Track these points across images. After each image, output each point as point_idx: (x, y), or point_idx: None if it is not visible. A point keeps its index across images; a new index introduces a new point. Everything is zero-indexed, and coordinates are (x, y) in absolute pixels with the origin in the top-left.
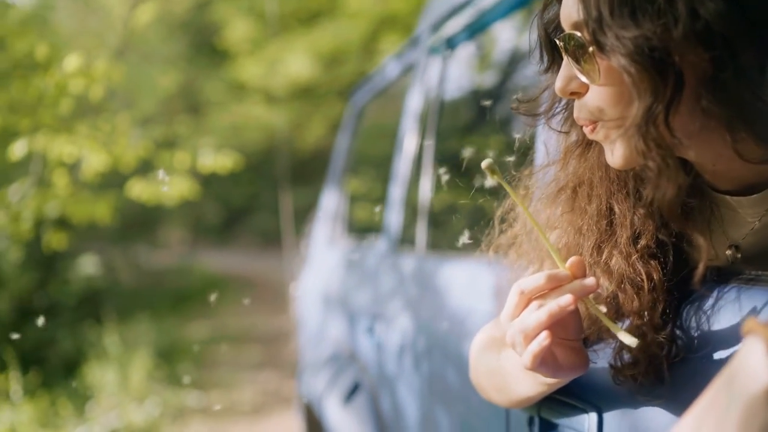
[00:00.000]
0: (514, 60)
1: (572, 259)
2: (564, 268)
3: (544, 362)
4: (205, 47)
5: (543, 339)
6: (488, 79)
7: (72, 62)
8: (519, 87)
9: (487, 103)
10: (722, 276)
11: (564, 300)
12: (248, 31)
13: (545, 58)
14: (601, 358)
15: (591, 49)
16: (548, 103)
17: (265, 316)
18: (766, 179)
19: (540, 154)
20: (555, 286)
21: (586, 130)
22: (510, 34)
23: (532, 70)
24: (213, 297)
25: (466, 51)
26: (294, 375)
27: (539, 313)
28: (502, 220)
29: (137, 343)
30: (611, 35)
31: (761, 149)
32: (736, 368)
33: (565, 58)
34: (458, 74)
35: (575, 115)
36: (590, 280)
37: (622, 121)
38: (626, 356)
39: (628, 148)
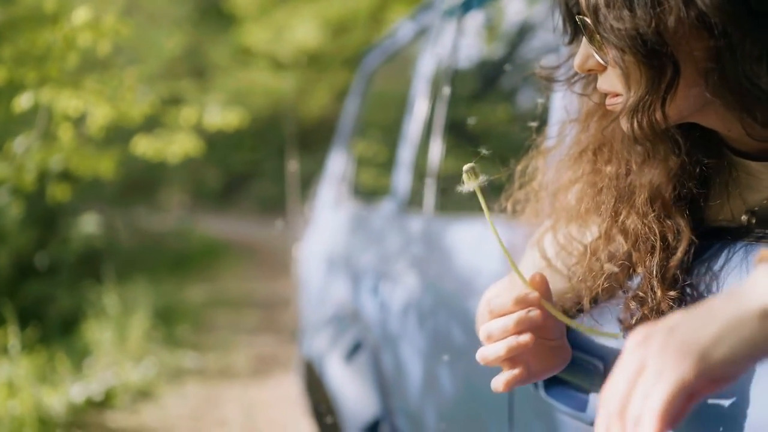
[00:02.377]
0: (529, 25)
1: (535, 277)
2: (530, 289)
3: (515, 384)
4: (212, 11)
5: (513, 373)
6: (502, 44)
7: (80, 16)
8: (533, 51)
9: (507, 66)
10: (734, 236)
11: (523, 338)
12: None
13: (568, 31)
14: (610, 313)
15: (598, 36)
16: (572, 68)
17: (264, 282)
18: None
19: (555, 120)
20: (522, 308)
21: (607, 100)
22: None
23: (546, 35)
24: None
25: (481, 15)
26: (292, 340)
27: (498, 346)
28: (522, 174)
29: (136, 304)
30: (607, 26)
31: (766, 130)
32: (742, 287)
33: (584, 37)
34: (472, 38)
35: (598, 85)
36: (536, 314)
37: (624, 105)
38: (637, 312)
39: (625, 128)
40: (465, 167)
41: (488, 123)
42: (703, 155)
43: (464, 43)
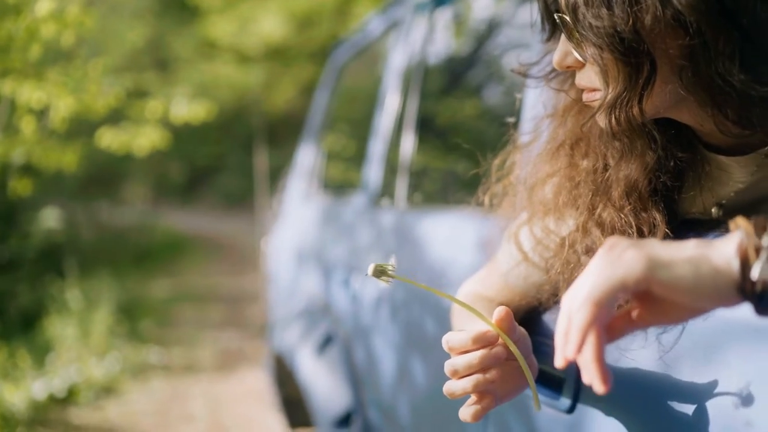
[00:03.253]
0: (501, 21)
1: (500, 314)
2: (493, 326)
3: (484, 414)
4: (175, 3)
5: (482, 404)
6: (473, 39)
7: (44, 6)
8: (503, 47)
9: (478, 61)
10: (706, 228)
11: (490, 375)
12: None
13: (546, 28)
14: None
15: (577, 34)
16: (550, 65)
17: (229, 277)
18: (753, 142)
19: (529, 115)
20: (481, 347)
21: (585, 95)
22: None
23: (515, 31)
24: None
25: (452, 10)
26: (258, 335)
27: (464, 383)
28: (499, 169)
29: (99, 299)
30: (585, 23)
31: (735, 127)
32: (716, 241)
33: (562, 33)
34: (444, 33)
35: (576, 81)
36: (499, 351)
37: (602, 101)
38: None
39: (603, 124)
40: (369, 271)
41: (459, 117)
42: (678, 150)
43: (436, 38)
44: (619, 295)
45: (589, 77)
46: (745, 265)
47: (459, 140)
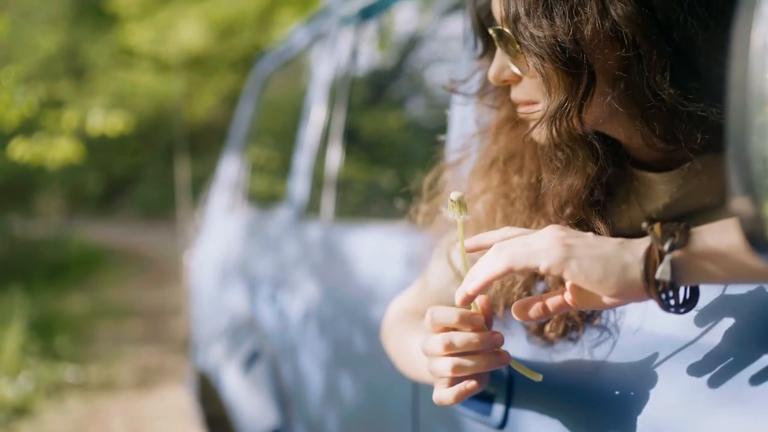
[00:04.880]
0: (426, 34)
1: (482, 301)
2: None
3: (466, 397)
4: (91, 9)
5: (468, 385)
6: (400, 52)
7: None
8: (430, 60)
9: (404, 74)
10: None
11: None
12: None
13: (479, 44)
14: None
15: (517, 45)
16: (482, 82)
17: (149, 290)
18: (678, 158)
19: (457, 132)
20: (468, 327)
21: (521, 109)
22: (426, 9)
23: (445, 43)
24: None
25: (378, 23)
26: (181, 350)
27: (463, 362)
28: (431, 187)
29: (10, 316)
30: (527, 34)
31: (661, 142)
32: (627, 242)
33: (498, 48)
34: (370, 46)
35: (512, 95)
36: (500, 336)
37: (544, 112)
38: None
39: (544, 136)
40: (453, 196)
41: (386, 129)
42: (610, 164)
43: (362, 50)
44: (533, 271)
45: (526, 90)
46: (650, 267)
47: (386, 153)
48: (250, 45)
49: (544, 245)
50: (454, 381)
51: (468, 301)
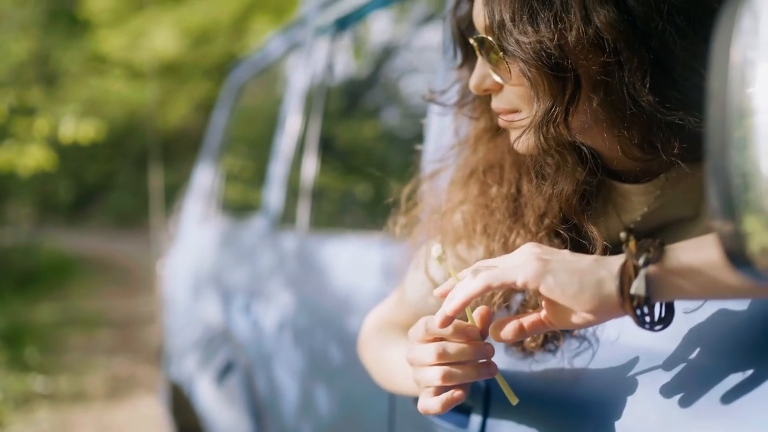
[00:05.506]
0: (402, 44)
1: (481, 312)
2: (474, 323)
3: (450, 407)
4: (63, 15)
5: (454, 394)
6: (376, 62)
7: None
8: (406, 69)
9: (380, 83)
10: (615, 252)
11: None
12: (111, 2)
13: (458, 54)
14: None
15: (501, 53)
16: (461, 92)
17: (120, 299)
18: (654, 168)
19: (434, 143)
20: (460, 339)
21: (502, 118)
22: (401, 19)
23: (419, 53)
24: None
25: (354, 33)
26: (153, 360)
27: (456, 371)
28: (408, 198)
29: None
30: (512, 40)
31: (639, 150)
32: (603, 259)
33: (479, 57)
34: (346, 56)
35: (493, 105)
36: (491, 347)
37: (532, 118)
38: None
39: (532, 143)
40: (434, 252)
41: (362, 139)
42: (599, 169)
43: (337, 60)
44: (510, 288)
45: (508, 99)
46: (624, 282)
47: (362, 162)
48: (224, 52)
49: (519, 261)
50: (440, 390)
51: (448, 322)
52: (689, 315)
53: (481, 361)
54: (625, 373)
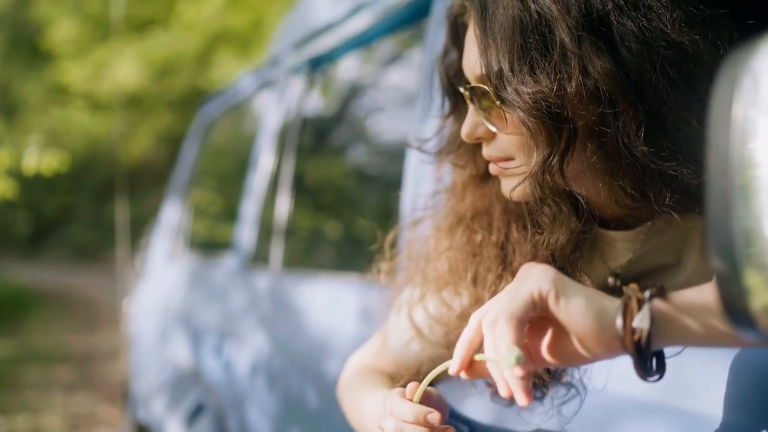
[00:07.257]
0: (377, 83)
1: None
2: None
3: None
4: (24, 46)
5: None
6: (350, 101)
7: None
8: (380, 109)
9: (354, 123)
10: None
11: None
12: (74, 32)
13: (446, 103)
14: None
15: (497, 101)
16: (448, 140)
17: (80, 334)
18: (639, 217)
19: (411, 187)
20: (420, 428)
21: (494, 166)
22: (375, 60)
23: (393, 93)
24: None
25: (328, 72)
26: (111, 398)
27: None
28: (392, 246)
29: None
30: (511, 90)
31: (631, 199)
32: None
33: (470, 106)
34: (319, 95)
35: (485, 153)
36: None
37: (527, 167)
38: None
39: (528, 191)
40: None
41: (337, 178)
42: (596, 219)
43: (311, 99)
44: (532, 309)
45: (501, 147)
46: (627, 315)
47: (335, 202)
48: (188, 85)
49: (528, 278)
50: None
51: (460, 372)
52: (676, 363)
53: None
54: (612, 421)
